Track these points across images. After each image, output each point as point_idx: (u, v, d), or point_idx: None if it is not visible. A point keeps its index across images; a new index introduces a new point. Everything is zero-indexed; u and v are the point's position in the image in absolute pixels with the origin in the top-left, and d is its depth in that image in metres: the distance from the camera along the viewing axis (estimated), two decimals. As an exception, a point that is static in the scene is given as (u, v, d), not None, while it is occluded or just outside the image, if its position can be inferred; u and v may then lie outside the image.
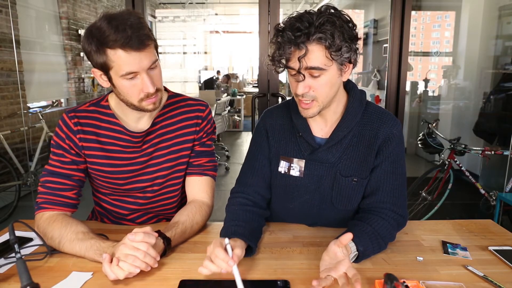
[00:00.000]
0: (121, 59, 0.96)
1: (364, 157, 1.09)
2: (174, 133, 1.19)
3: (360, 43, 1.03)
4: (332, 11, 0.95)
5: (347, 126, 1.07)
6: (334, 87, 1.01)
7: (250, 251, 1.00)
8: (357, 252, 0.94)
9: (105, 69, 0.99)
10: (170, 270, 0.93)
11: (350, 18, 0.97)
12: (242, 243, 0.96)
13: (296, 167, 1.13)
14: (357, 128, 1.09)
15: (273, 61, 1.00)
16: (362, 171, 1.09)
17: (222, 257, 0.85)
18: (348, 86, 1.11)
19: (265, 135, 1.18)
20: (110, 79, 1.02)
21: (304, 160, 1.12)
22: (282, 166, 1.15)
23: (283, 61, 0.98)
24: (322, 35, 0.91)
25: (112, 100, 1.16)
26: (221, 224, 1.22)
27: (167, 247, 0.98)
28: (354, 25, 0.97)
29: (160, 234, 0.97)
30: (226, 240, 0.88)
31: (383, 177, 1.08)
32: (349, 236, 0.84)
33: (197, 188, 1.21)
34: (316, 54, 0.94)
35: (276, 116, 1.19)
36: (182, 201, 1.29)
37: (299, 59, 0.94)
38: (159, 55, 1.07)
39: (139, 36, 0.95)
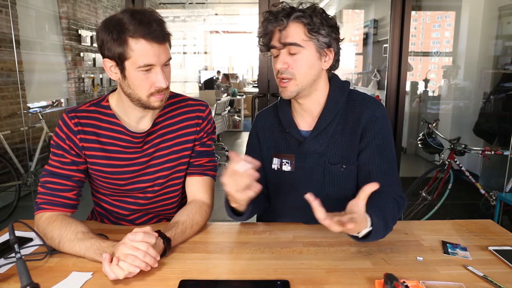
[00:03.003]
0: (142, 49, 0.97)
1: (349, 143, 1.11)
2: (175, 133, 1.19)
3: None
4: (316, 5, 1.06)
5: (329, 114, 1.10)
6: (313, 70, 1.06)
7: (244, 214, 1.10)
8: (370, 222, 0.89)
9: (121, 59, 0.99)
10: (170, 270, 0.93)
11: (332, 16, 1.07)
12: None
13: (287, 162, 1.17)
14: (342, 116, 1.12)
15: (258, 39, 1.09)
16: (349, 158, 1.11)
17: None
18: (330, 76, 1.15)
19: (256, 138, 1.24)
20: (122, 71, 1.02)
21: (293, 155, 1.16)
22: (275, 163, 1.19)
23: (267, 40, 1.07)
24: (301, 13, 1.02)
25: (113, 100, 1.15)
26: (221, 224, 1.23)
27: (167, 247, 0.98)
28: (335, 22, 1.06)
29: (160, 234, 0.97)
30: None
31: (370, 159, 1.08)
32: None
33: (197, 188, 1.21)
34: (294, 30, 1.02)
35: (267, 117, 1.25)
36: (182, 201, 1.29)
37: (279, 31, 1.03)
38: None
39: (162, 31, 0.99)
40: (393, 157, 1.10)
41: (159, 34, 0.98)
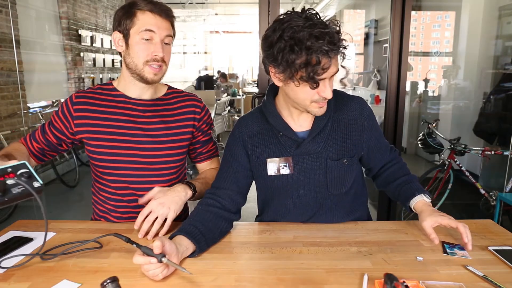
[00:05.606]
0: (146, 18, 1.13)
1: (348, 137, 1.15)
2: (173, 117, 1.27)
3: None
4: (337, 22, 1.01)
5: (325, 114, 1.11)
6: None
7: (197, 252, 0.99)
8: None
9: (127, 29, 1.14)
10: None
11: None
12: (182, 239, 0.97)
13: (285, 166, 1.15)
14: (334, 114, 1.16)
15: (307, 71, 0.96)
16: (349, 151, 1.16)
17: (142, 261, 0.85)
18: None
19: (241, 144, 1.19)
20: (127, 41, 1.15)
21: (291, 157, 1.14)
22: (271, 169, 1.16)
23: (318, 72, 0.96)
24: (342, 46, 0.99)
25: (115, 82, 1.27)
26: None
27: (194, 193, 1.18)
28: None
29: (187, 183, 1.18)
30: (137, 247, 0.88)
31: (377, 141, 1.22)
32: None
33: (209, 167, 1.40)
34: (336, 61, 1.02)
35: (252, 123, 1.19)
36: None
37: (330, 66, 0.98)
38: None
39: (167, 10, 1.16)
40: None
41: (163, 10, 1.14)
